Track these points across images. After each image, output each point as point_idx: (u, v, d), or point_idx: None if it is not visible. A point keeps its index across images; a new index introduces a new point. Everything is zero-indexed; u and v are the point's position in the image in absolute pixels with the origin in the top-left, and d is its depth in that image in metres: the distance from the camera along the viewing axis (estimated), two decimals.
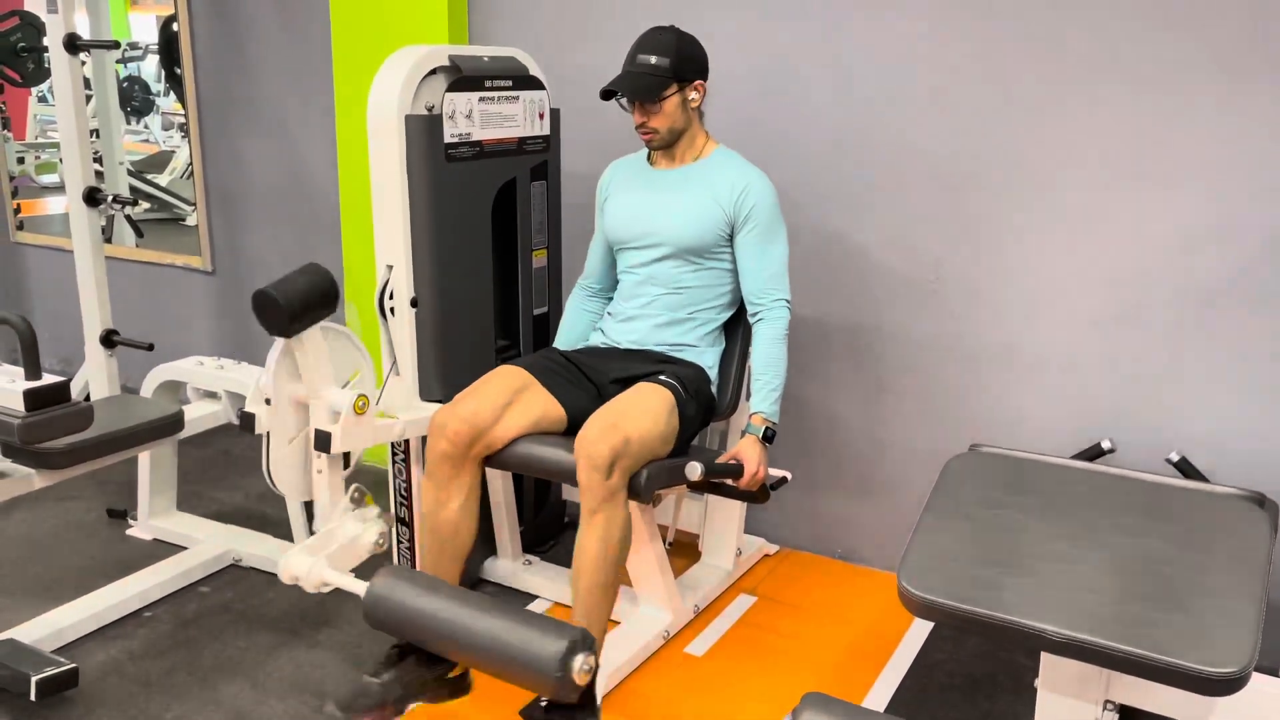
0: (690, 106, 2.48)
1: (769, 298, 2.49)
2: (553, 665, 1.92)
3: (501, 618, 2.01)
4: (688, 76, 2.44)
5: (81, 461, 2.42)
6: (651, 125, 2.46)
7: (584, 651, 1.95)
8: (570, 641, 1.93)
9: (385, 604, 2.11)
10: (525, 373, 2.45)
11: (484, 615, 2.02)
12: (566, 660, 1.92)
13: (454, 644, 2.04)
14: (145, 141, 4.85)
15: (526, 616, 2.03)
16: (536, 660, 1.93)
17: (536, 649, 1.94)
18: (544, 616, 2.05)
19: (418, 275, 2.62)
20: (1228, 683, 1.47)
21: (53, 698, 2.32)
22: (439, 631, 2.04)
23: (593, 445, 2.18)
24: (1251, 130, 2.37)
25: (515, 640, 1.96)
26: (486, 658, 1.99)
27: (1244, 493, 2.09)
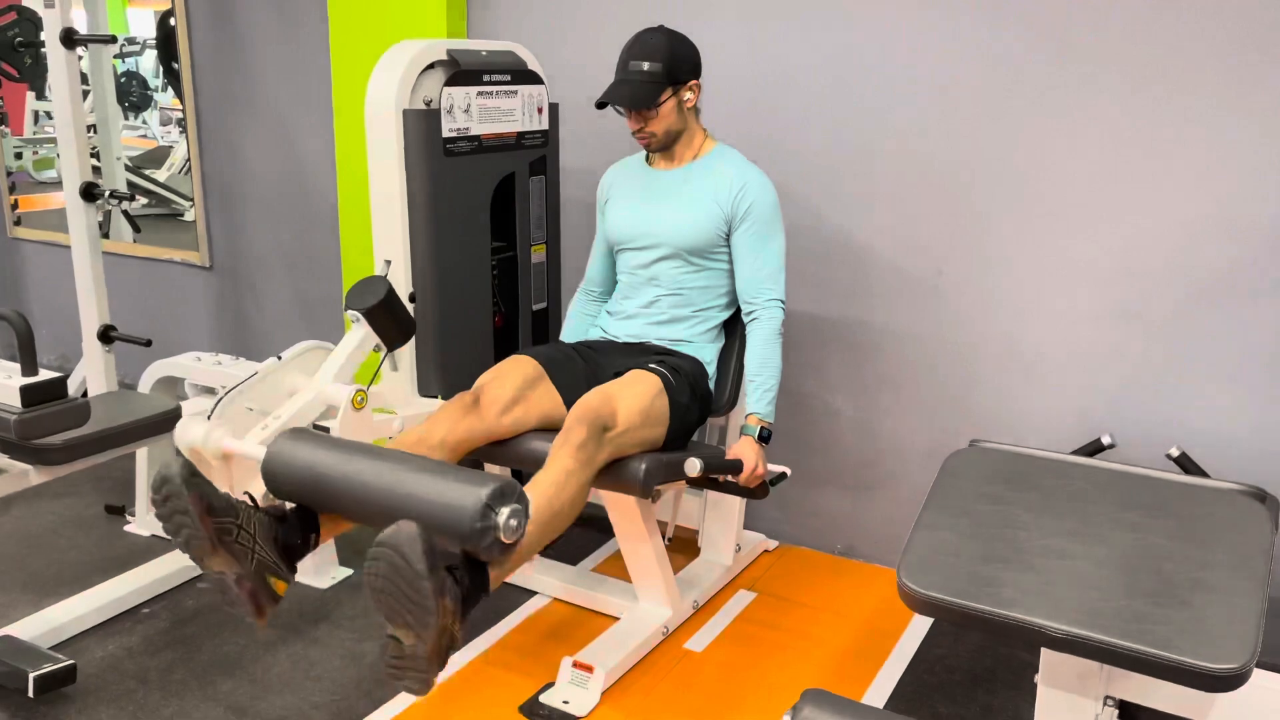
0: (686, 107, 2.47)
1: (763, 297, 2.48)
2: (473, 512, 1.67)
3: (419, 468, 1.78)
4: (682, 78, 2.43)
5: (79, 457, 2.41)
6: (649, 130, 2.46)
7: (513, 504, 1.71)
8: (496, 487, 1.68)
9: (286, 463, 1.86)
10: (537, 364, 2.44)
11: (397, 465, 1.79)
12: (491, 508, 1.67)
13: (362, 499, 1.78)
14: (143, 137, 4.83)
15: (446, 467, 1.81)
16: (455, 507, 1.67)
17: (455, 494, 1.68)
18: (466, 469, 1.82)
19: (416, 270, 2.61)
20: (1229, 679, 1.46)
21: (50, 694, 2.32)
22: (345, 486, 1.79)
23: (584, 401, 2.21)
24: (1252, 125, 2.37)
25: (433, 487, 1.71)
26: (401, 511, 1.71)
27: (1244, 488, 2.08)
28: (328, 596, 2.80)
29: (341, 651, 2.54)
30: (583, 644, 2.48)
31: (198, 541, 1.79)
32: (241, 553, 1.82)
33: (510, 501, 1.69)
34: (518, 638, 2.61)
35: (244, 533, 1.82)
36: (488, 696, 2.36)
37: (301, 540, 1.93)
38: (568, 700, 2.33)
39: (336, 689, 2.39)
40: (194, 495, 1.77)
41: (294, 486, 1.87)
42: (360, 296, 2.42)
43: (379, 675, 2.43)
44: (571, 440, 2.13)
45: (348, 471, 1.78)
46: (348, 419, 2.32)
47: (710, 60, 2.57)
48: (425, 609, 1.62)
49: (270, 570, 1.86)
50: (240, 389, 2.42)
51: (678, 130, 2.49)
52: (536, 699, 2.34)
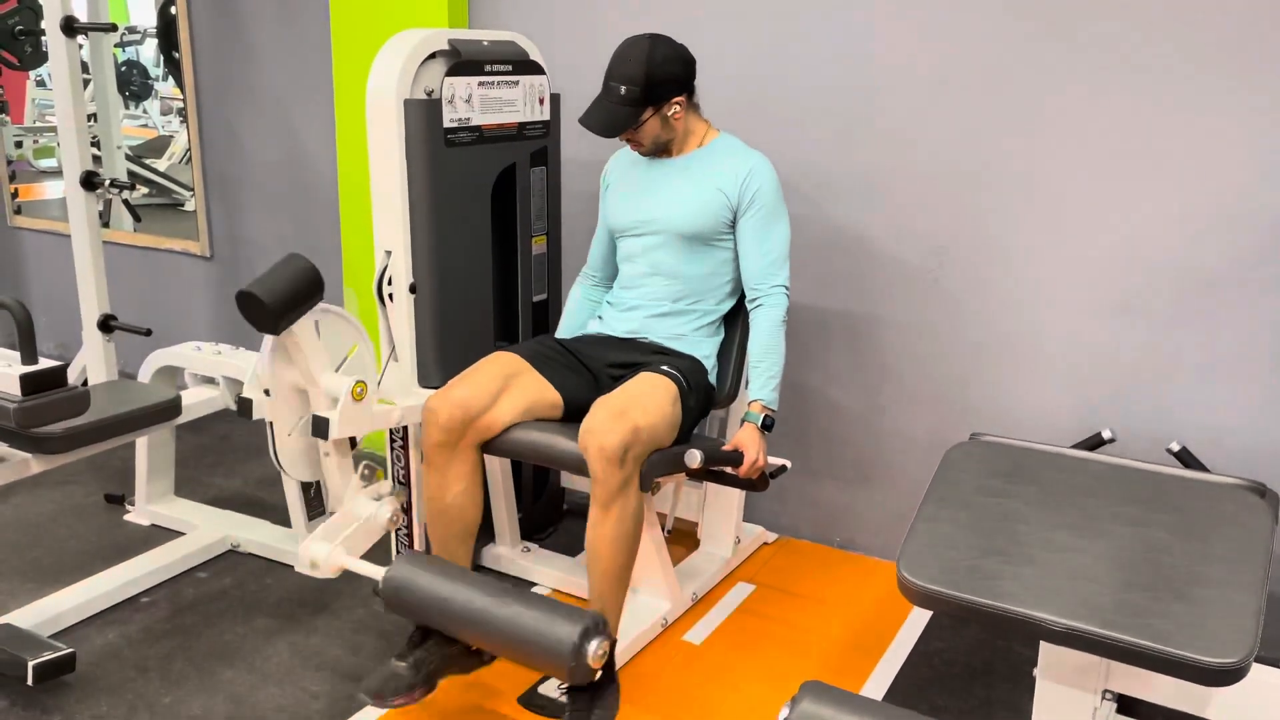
0: (674, 119, 2.45)
1: (768, 283, 2.48)
2: (567, 650, 1.95)
3: (518, 604, 2.03)
4: (662, 97, 2.39)
5: (78, 446, 2.41)
6: (636, 140, 2.47)
7: (598, 636, 1.98)
8: (584, 627, 1.96)
9: (403, 590, 2.13)
10: (518, 358, 2.44)
11: (501, 601, 2.04)
12: (581, 645, 1.95)
13: (472, 630, 2.06)
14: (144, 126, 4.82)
15: (542, 602, 2.05)
16: (552, 646, 1.96)
17: (552, 635, 1.97)
18: (559, 602, 2.06)
19: (416, 261, 2.61)
20: (1228, 673, 1.46)
21: (50, 682, 2.32)
22: (457, 617, 2.07)
23: (603, 436, 2.15)
24: (1253, 119, 2.36)
25: (531, 626, 1.99)
26: (504, 643, 2.03)
27: (1244, 483, 2.08)
28: (327, 586, 2.80)
29: (341, 641, 2.54)
30: None
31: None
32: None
33: (595, 635, 1.98)
34: None
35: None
36: (486, 687, 2.36)
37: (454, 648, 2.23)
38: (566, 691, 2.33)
39: (336, 678, 2.39)
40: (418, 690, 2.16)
41: (411, 613, 2.17)
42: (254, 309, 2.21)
43: (378, 665, 2.43)
44: (608, 486, 2.17)
45: (458, 607, 2.07)
46: (347, 410, 2.32)
47: (711, 53, 2.57)
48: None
49: None
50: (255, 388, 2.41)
51: (667, 139, 2.49)
52: (535, 690, 2.35)
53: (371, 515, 2.39)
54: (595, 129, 2.40)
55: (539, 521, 3.09)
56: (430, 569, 2.16)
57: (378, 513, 2.40)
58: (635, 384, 2.32)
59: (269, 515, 3.14)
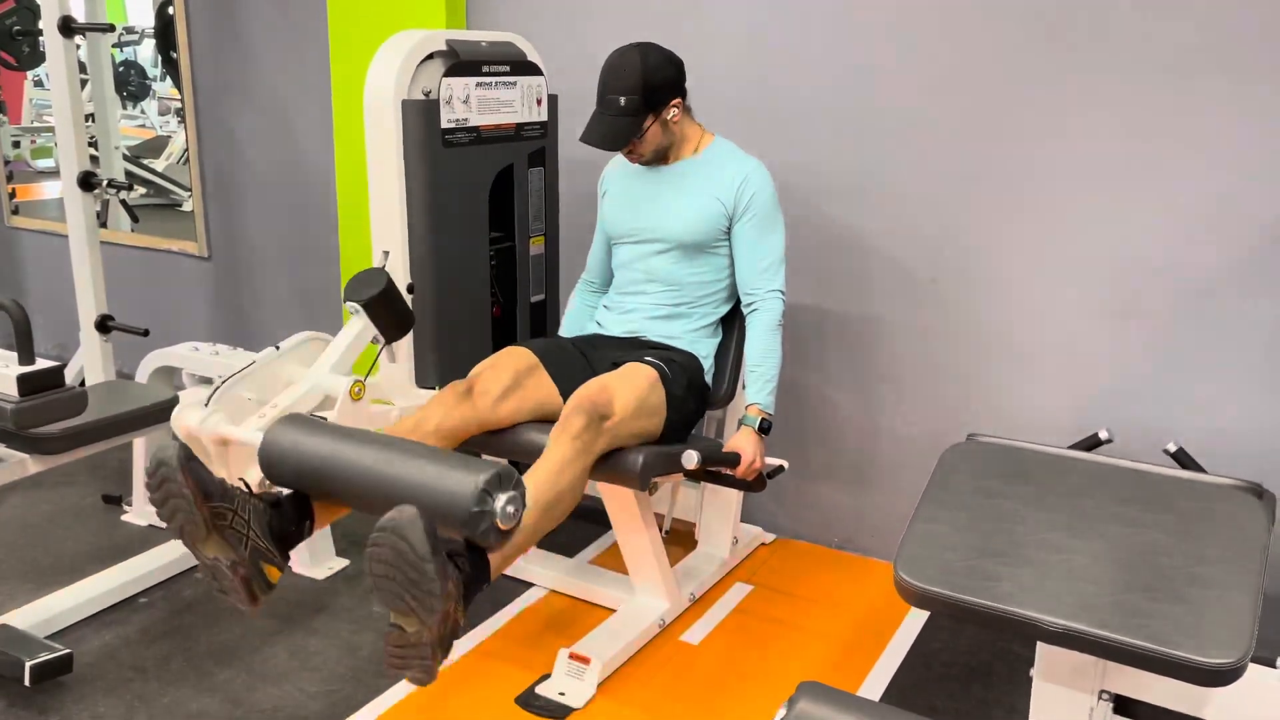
0: (672, 122, 2.47)
1: (764, 288, 2.48)
2: (470, 497, 1.65)
3: (416, 454, 1.77)
4: (661, 102, 2.42)
5: (76, 447, 2.41)
6: (638, 152, 2.47)
7: (510, 490, 1.69)
8: (492, 474, 1.67)
9: (283, 449, 1.85)
10: (532, 355, 2.44)
11: (395, 451, 1.77)
12: (488, 493, 1.66)
13: (360, 486, 1.77)
14: (142, 126, 4.82)
15: (443, 453, 1.80)
16: (453, 492, 1.66)
17: (453, 480, 1.67)
18: (463, 455, 1.81)
19: (414, 261, 2.61)
20: (1224, 674, 1.46)
21: (47, 683, 2.32)
22: (342, 472, 1.78)
23: (579, 398, 2.20)
24: (1250, 121, 2.36)
25: (430, 473, 1.70)
26: (398, 497, 1.69)
27: (1241, 483, 2.08)
28: (325, 587, 2.80)
29: (339, 642, 2.54)
30: (579, 636, 2.48)
31: (192, 526, 1.79)
32: (236, 539, 1.81)
33: (508, 488, 1.68)
34: (514, 629, 2.61)
35: (239, 518, 1.82)
36: (484, 688, 2.36)
37: (296, 527, 1.92)
38: (564, 692, 2.33)
39: (334, 679, 2.39)
40: (190, 479, 1.75)
41: (290, 472, 1.85)
42: (359, 289, 2.42)
43: (376, 666, 2.43)
44: (569, 429, 2.13)
45: (344, 458, 1.77)
46: (345, 409, 2.32)
47: (707, 54, 2.57)
48: (429, 593, 1.61)
49: (264, 557, 1.85)
50: (238, 377, 2.42)
51: (667, 145, 2.50)
52: (533, 690, 2.35)
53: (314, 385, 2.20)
54: (600, 144, 2.41)
55: None
56: (318, 427, 1.88)
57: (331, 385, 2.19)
58: (617, 371, 2.36)
59: None
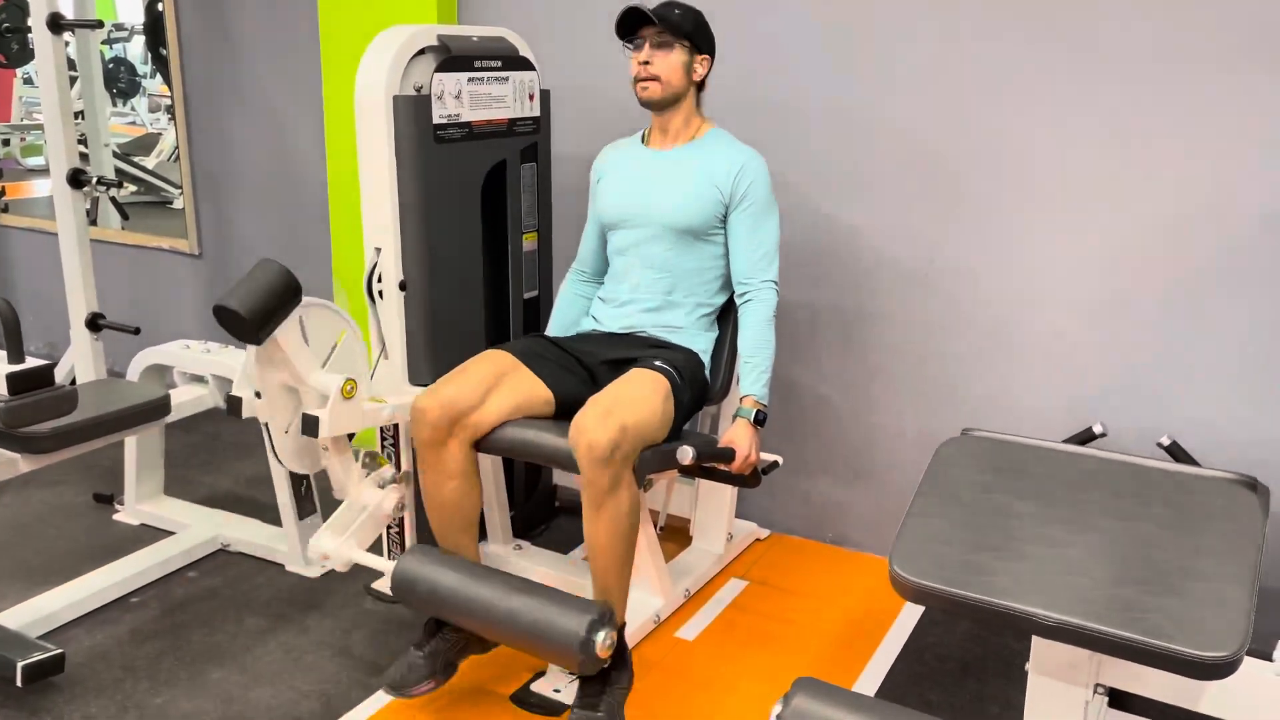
0: (692, 77, 2.49)
1: (758, 279, 2.48)
2: (576, 643, 2.00)
3: (524, 596, 2.08)
4: (700, 44, 2.48)
5: (67, 446, 2.40)
6: (654, 70, 2.44)
7: (605, 627, 2.03)
8: (591, 619, 2.01)
9: (413, 583, 2.18)
10: (509, 355, 2.43)
11: (507, 594, 2.09)
12: (589, 637, 2.00)
13: (481, 622, 2.11)
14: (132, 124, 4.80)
15: (549, 594, 2.09)
16: (561, 639, 2.01)
17: (560, 627, 2.02)
18: (566, 594, 2.10)
19: (406, 258, 2.60)
20: (1219, 667, 1.46)
21: (39, 683, 2.31)
22: (465, 610, 2.12)
23: (591, 434, 2.13)
24: (1243, 115, 2.36)
25: (540, 619, 2.04)
26: (513, 636, 2.08)
27: (1235, 476, 2.08)
28: (317, 586, 2.79)
29: (332, 640, 2.54)
30: None
31: None
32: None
33: (602, 627, 2.03)
34: None
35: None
36: (479, 685, 2.35)
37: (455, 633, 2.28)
38: (559, 689, 2.33)
39: (327, 678, 2.39)
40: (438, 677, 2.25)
41: (422, 606, 2.21)
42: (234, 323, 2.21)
43: (369, 664, 2.43)
44: (598, 485, 2.15)
45: (467, 598, 2.12)
46: (337, 408, 2.31)
47: None
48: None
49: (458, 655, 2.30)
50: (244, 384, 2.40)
51: (677, 90, 2.48)
52: (528, 687, 2.34)
53: (377, 503, 2.41)
54: (653, 11, 2.41)
55: (531, 519, 3.08)
56: (437, 562, 2.19)
57: (383, 501, 2.42)
58: (626, 381, 2.30)
59: (259, 514, 3.13)
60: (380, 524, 2.43)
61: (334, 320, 2.43)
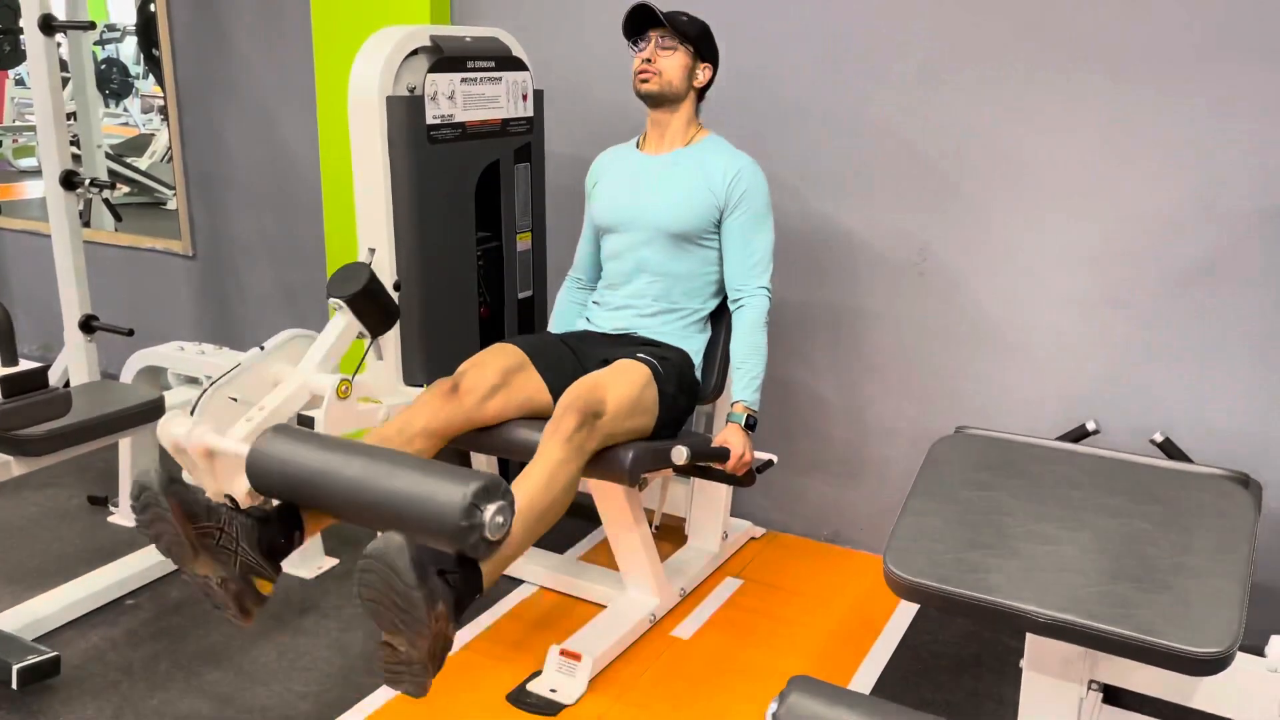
0: (693, 83, 2.50)
1: (751, 284, 2.48)
2: (458, 510, 1.65)
3: (404, 466, 1.77)
4: (703, 52, 2.50)
5: (60, 448, 2.40)
6: (657, 66, 2.45)
7: (498, 500, 1.70)
8: (481, 485, 1.67)
9: (269, 462, 1.85)
10: (520, 352, 2.43)
11: (383, 463, 1.78)
12: (476, 506, 1.66)
13: (348, 498, 1.77)
14: (125, 125, 4.80)
15: (431, 464, 1.80)
16: (440, 505, 1.67)
17: (441, 493, 1.68)
18: (452, 465, 1.81)
19: (400, 258, 2.60)
20: (1212, 662, 1.47)
21: (34, 686, 2.30)
22: (331, 485, 1.78)
23: (573, 392, 2.18)
24: (1235, 113, 2.37)
25: (418, 485, 1.70)
26: (387, 509, 1.73)
27: (1227, 473, 2.09)
28: (313, 586, 2.79)
29: (328, 641, 2.54)
30: (570, 632, 2.48)
31: (179, 548, 1.81)
32: (225, 556, 1.83)
33: (495, 498, 1.69)
34: (505, 626, 2.60)
35: (226, 536, 1.83)
36: (475, 685, 2.35)
37: (286, 539, 1.93)
38: (555, 688, 2.33)
39: (323, 678, 2.39)
40: (173, 502, 1.77)
41: (277, 485, 1.86)
42: (342, 284, 2.40)
43: (366, 664, 2.43)
44: (561, 429, 2.12)
45: (332, 471, 1.78)
46: (332, 408, 2.30)
47: None
48: (417, 619, 1.64)
49: (255, 571, 1.87)
50: (223, 381, 2.40)
51: (677, 89, 2.48)
52: (524, 687, 2.35)
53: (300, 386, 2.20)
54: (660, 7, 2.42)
55: None
56: (305, 438, 1.88)
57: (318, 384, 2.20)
58: (610, 368, 2.34)
59: None
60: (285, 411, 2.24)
61: None
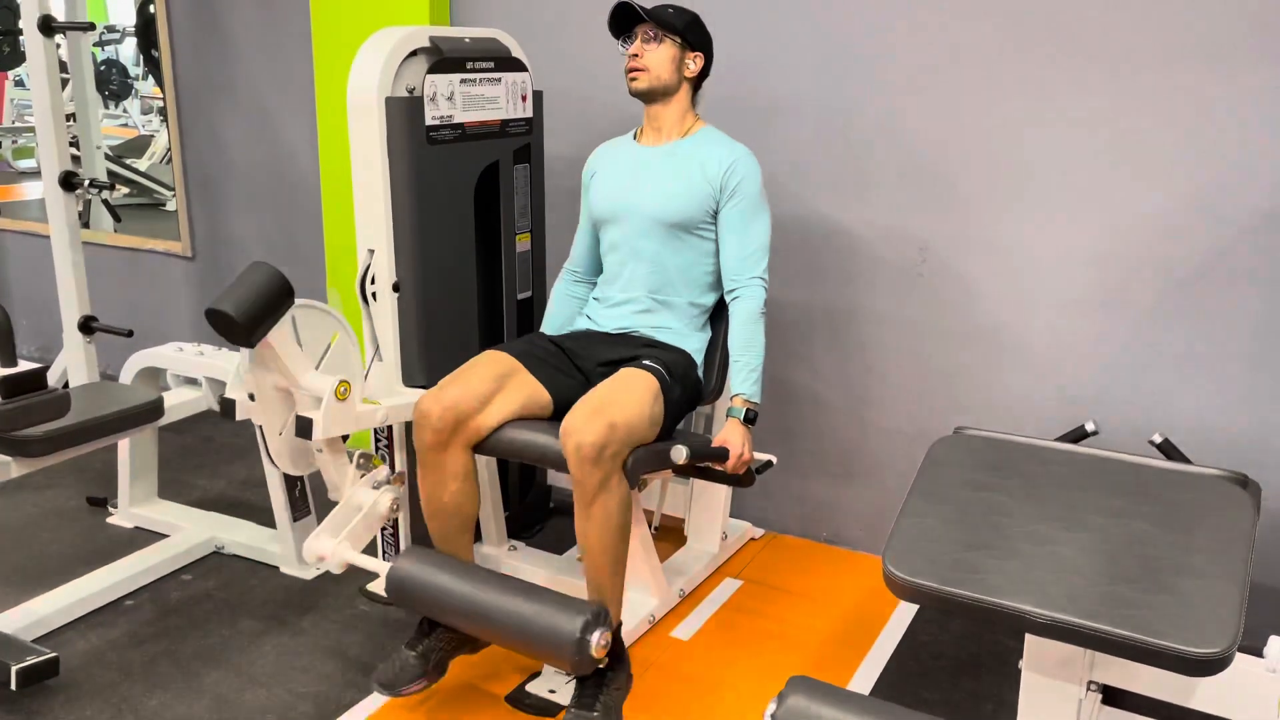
0: (684, 73, 2.50)
1: (746, 275, 2.48)
2: (570, 644, 2.00)
3: (519, 598, 2.09)
4: (691, 42, 2.48)
5: (60, 449, 2.40)
6: (644, 62, 2.46)
7: (599, 628, 2.03)
8: (585, 619, 2.01)
9: (409, 584, 2.18)
10: (511, 358, 2.43)
11: (504, 594, 2.10)
12: (583, 637, 2.01)
13: (476, 624, 2.12)
14: (124, 126, 4.80)
15: (543, 595, 2.10)
16: (555, 639, 2.01)
17: (555, 628, 2.02)
18: (560, 595, 2.11)
19: (400, 259, 2.60)
20: (1211, 663, 1.47)
21: (33, 687, 2.30)
22: (460, 611, 2.12)
23: (580, 434, 2.14)
24: (1232, 113, 2.37)
25: (534, 620, 2.04)
26: (508, 637, 2.09)
27: (1226, 473, 2.09)
28: (313, 587, 2.79)
29: (327, 642, 2.54)
30: None
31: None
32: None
33: (596, 627, 2.03)
34: None
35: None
36: (474, 686, 2.35)
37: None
38: (554, 689, 2.33)
39: (322, 679, 2.39)
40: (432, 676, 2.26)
41: (417, 606, 2.21)
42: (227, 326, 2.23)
43: (365, 665, 2.43)
44: (588, 486, 2.16)
45: (462, 599, 2.12)
46: (331, 410, 2.31)
47: None
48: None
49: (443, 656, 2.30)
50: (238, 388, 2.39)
51: (667, 83, 2.48)
52: (523, 688, 2.34)
53: (371, 504, 2.40)
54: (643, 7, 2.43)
55: (526, 520, 3.08)
56: (432, 563, 2.20)
57: (378, 501, 2.41)
58: (615, 380, 2.31)
59: (253, 516, 3.12)
60: (375, 525, 2.43)
61: (326, 321, 2.43)
